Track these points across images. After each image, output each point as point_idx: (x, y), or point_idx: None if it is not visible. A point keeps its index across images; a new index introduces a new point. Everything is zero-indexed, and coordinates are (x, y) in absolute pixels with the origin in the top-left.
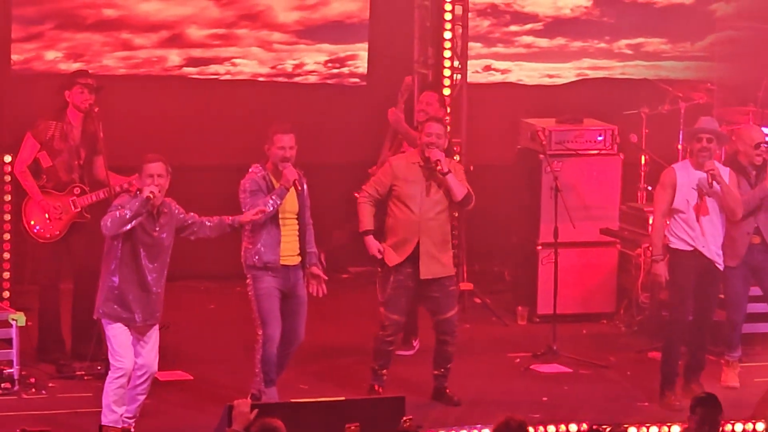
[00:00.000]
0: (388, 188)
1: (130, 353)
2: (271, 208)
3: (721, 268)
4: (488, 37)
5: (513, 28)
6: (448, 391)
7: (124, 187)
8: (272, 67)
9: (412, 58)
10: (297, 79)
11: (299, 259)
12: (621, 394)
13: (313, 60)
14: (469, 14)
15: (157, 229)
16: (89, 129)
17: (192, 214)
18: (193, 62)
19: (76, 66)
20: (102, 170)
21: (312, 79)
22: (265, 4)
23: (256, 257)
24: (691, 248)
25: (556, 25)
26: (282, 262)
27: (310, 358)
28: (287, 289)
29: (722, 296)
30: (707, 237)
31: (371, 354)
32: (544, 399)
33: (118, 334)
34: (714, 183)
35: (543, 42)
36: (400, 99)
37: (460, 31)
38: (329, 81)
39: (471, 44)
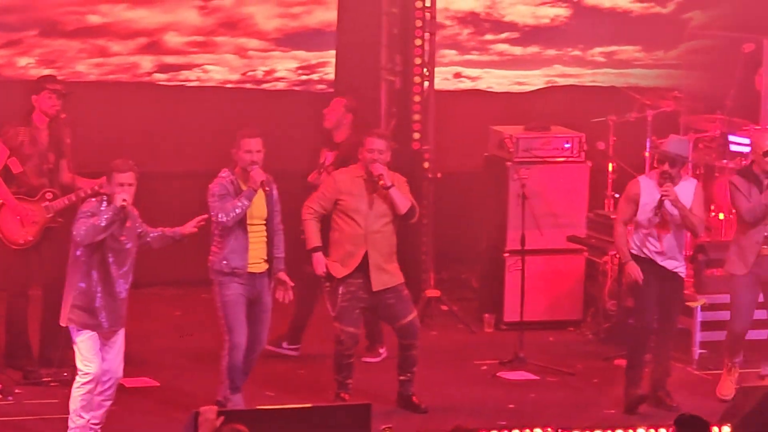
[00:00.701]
0: (333, 203)
1: (98, 359)
2: (239, 210)
3: (682, 275)
4: (462, 45)
5: (488, 36)
6: (414, 398)
7: (94, 189)
8: (243, 74)
9: (379, 65)
10: (265, 86)
11: (266, 266)
12: (587, 402)
13: (284, 67)
14: (448, 22)
15: (124, 235)
16: (56, 134)
17: (143, 224)
18: (164, 69)
19: (46, 72)
20: (67, 174)
21: (280, 85)
22: (246, 13)
23: (224, 262)
24: (649, 258)
25: (532, 34)
26: (249, 269)
27: (276, 365)
28: (253, 296)
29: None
30: (667, 252)
31: (333, 367)
32: (511, 406)
33: (86, 340)
34: (668, 203)
35: (516, 50)
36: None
37: (428, 36)
38: (297, 88)
39: (444, 51)
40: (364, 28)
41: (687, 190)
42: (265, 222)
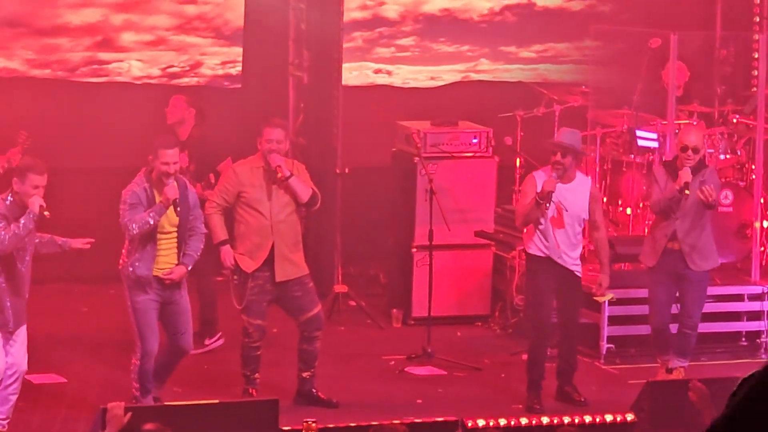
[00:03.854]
0: (236, 195)
1: (2, 355)
2: (148, 226)
3: (578, 274)
4: (372, 39)
5: (403, 28)
6: (320, 394)
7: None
8: (163, 69)
9: (287, 60)
10: (174, 81)
11: None
12: (495, 396)
13: (193, 62)
14: (358, 13)
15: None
16: None
17: None
18: (76, 64)
19: None
20: None
21: (192, 81)
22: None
23: (131, 269)
24: (546, 255)
25: (444, 27)
26: (157, 274)
27: (184, 361)
28: (165, 299)
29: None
30: (562, 248)
31: (240, 361)
32: (419, 401)
33: None
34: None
35: (425, 45)
36: None
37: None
38: (206, 83)
39: (354, 45)
40: (272, 23)
41: (582, 188)
42: (176, 228)
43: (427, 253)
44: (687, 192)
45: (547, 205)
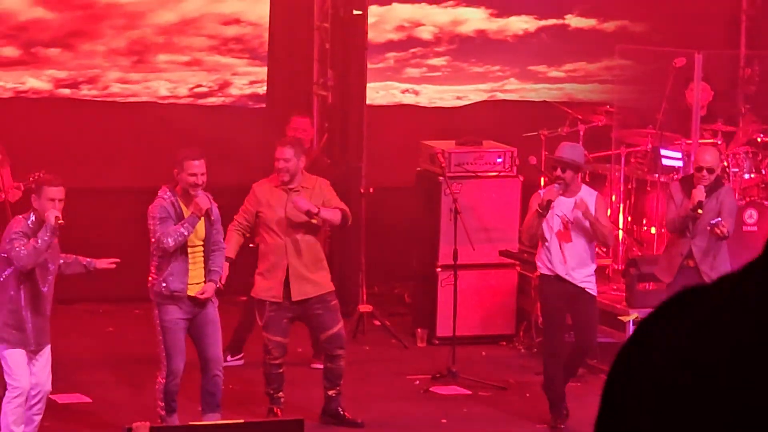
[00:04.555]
0: (254, 215)
1: (26, 373)
2: (183, 237)
3: (591, 292)
4: (403, 59)
5: (436, 49)
6: (347, 413)
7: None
8: (190, 90)
9: (311, 79)
10: (200, 101)
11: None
12: (519, 416)
13: (217, 82)
14: (388, 35)
15: (50, 253)
16: None
17: None
18: (94, 83)
19: None
20: (9, 181)
21: (214, 100)
22: (178, 27)
23: (164, 285)
24: (554, 273)
25: (476, 48)
26: (188, 292)
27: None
28: (194, 315)
29: None
30: (569, 264)
31: (263, 379)
32: (444, 421)
33: (13, 355)
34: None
35: (456, 65)
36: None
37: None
38: (231, 103)
39: (385, 65)
40: (296, 43)
41: (587, 202)
42: (203, 242)
43: (452, 272)
44: (700, 211)
45: (544, 213)
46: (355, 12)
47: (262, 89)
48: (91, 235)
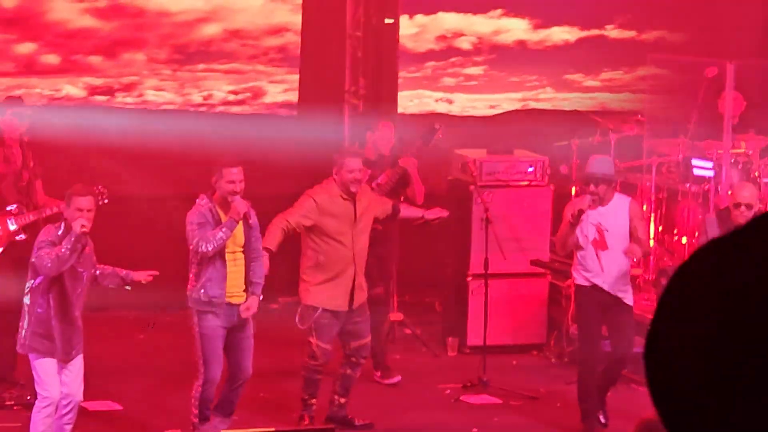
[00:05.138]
0: (311, 225)
1: (57, 382)
2: (221, 241)
3: (627, 302)
4: (441, 68)
5: (475, 58)
6: (355, 419)
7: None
8: (205, 98)
9: (343, 88)
10: (232, 109)
11: (245, 295)
12: (550, 426)
13: (248, 89)
14: (426, 44)
15: (82, 262)
16: (27, 154)
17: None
18: (130, 89)
19: None
20: (42, 195)
21: (246, 108)
22: (220, 37)
23: (202, 291)
24: (591, 284)
25: (514, 57)
26: (227, 299)
27: (259, 387)
28: (232, 325)
29: None
30: (606, 272)
31: (301, 383)
32: (474, 430)
33: (44, 365)
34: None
35: (493, 74)
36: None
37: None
38: (264, 110)
39: (422, 74)
40: (328, 51)
41: (620, 208)
42: (242, 249)
43: (483, 281)
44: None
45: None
46: (387, 20)
47: (294, 97)
48: (125, 243)
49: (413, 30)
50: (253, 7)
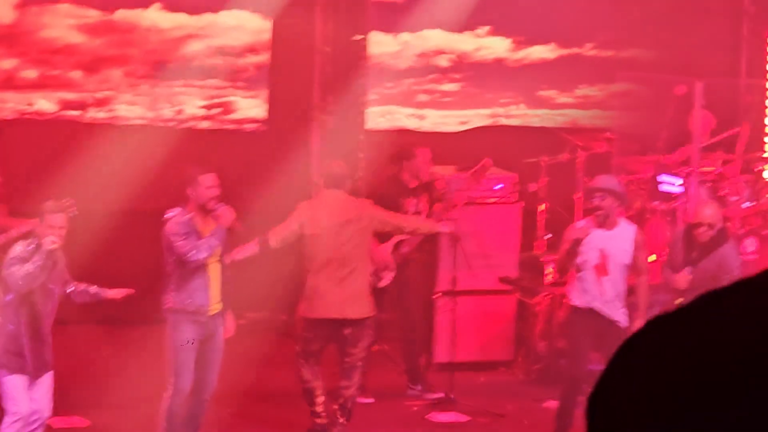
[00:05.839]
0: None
1: (26, 399)
2: (214, 249)
3: (621, 324)
4: (418, 84)
5: (453, 75)
6: None
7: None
8: (177, 112)
9: (311, 103)
10: (191, 124)
11: (221, 306)
12: None
13: (216, 105)
14: (389, 60)
15: (52, 279)
16: None
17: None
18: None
19: None
20: (4, 217)
21: (207, 124)
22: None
23: (189, 301)
24: (588, 307)
25: (485, 74)
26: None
27: (226, 403)
28: (205, 336)
29: None
30: (606, 296)
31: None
32: None
33: (13, 381)
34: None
35: (467, 90)
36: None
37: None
38: (228, 126)
39: (393, 91)
40: (297, 66)
41: (626, 235)
42: (219, 260)
43: (451, 298)
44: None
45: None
46: (357, 37)
47: (262, 112)
48: (95, 258)
49: (395, 47)
50: (244, 25)
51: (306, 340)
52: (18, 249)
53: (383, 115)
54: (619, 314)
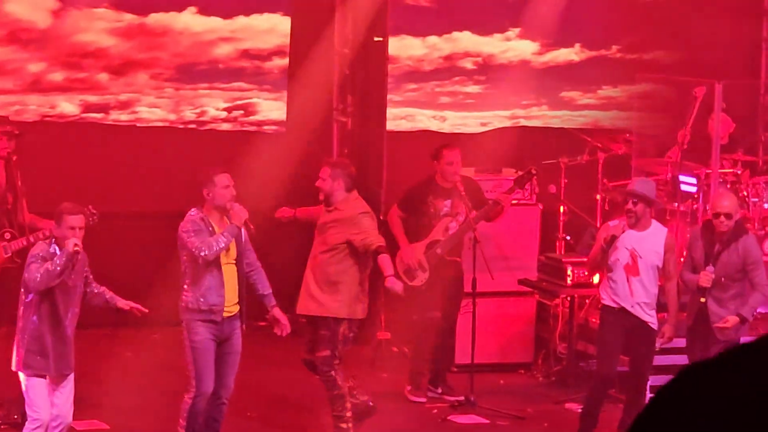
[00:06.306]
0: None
1: (47, 404)
2: (222, 245)
3: (652, 325)
4: (440, 86)
5: (478, 77)
6: None
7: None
8: (199, 114)
9: (331, 105)
10: (212, 126)
11: (237, 308)
12: None
13: (236, 107)
14: (408, 62)
15: (74, 279)
16: (12, 174)
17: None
18: (118, 107)
19: None
20: (26, 214)
21: (229, 126)
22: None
23: (201, 300)
24: (619, 306)
25: (506, 75)
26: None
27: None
28: (222, 338)
29: None
30: (635, 297)
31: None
32: None
33: (36, 385)
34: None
35: (489, 92)
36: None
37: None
38: (248, 128)
39: (416, 93)
40: (316, 68)
41: (657, 237)
42: (235, 262)
43: (471, 300)
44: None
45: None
46: (376, 38)
47: (281, 114)
48: (116, 260)
49: (423, 51)
50: (276, 28)
51: (346, 342)
52: (40, 249)
53: (404, 117)
54: (649, 315)
